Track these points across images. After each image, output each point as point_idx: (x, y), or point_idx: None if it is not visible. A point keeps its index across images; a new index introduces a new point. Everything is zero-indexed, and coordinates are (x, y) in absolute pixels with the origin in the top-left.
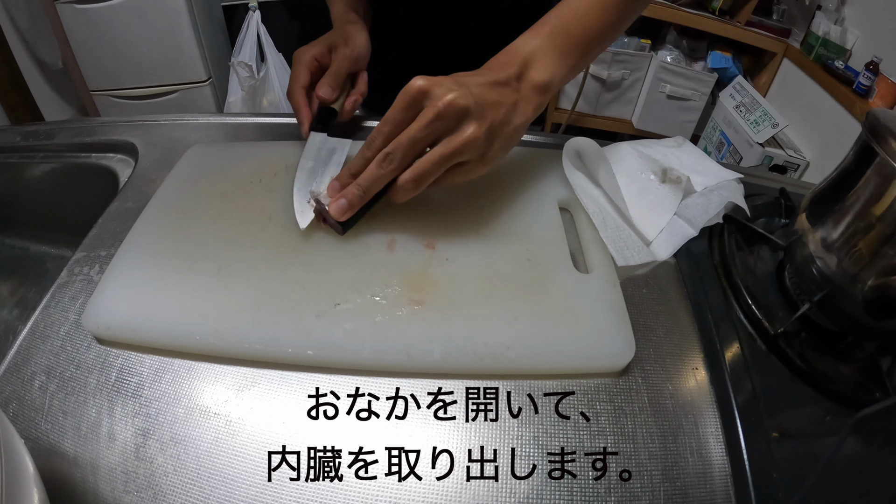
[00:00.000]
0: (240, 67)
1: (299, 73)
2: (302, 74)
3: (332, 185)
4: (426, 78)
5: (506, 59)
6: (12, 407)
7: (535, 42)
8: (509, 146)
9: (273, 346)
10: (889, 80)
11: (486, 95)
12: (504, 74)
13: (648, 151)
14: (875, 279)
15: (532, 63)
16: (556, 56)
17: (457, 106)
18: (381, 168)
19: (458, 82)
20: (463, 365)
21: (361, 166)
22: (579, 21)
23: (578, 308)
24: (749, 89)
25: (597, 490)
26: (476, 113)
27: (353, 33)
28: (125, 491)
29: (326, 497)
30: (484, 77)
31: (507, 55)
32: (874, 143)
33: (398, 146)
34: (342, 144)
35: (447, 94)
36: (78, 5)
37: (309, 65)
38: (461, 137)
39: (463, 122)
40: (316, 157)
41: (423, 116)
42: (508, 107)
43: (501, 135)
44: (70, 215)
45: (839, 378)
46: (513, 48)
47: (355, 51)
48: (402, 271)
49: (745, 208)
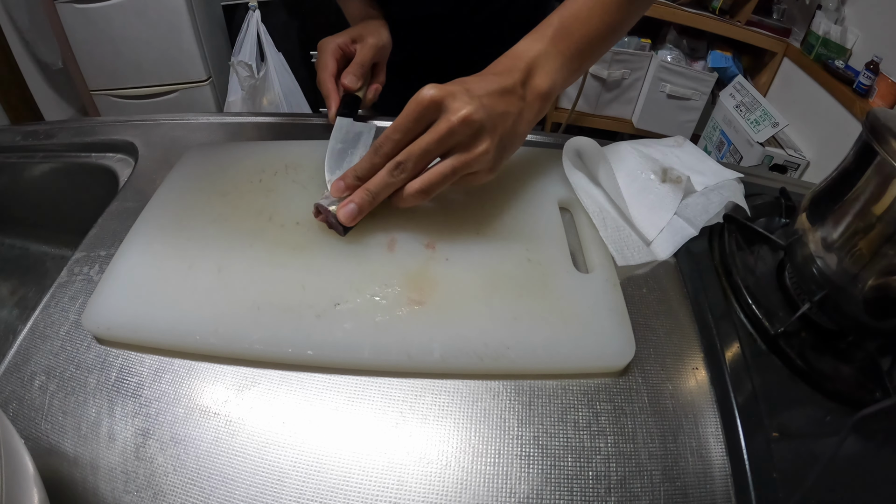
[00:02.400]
0: (240, 67)
1: (326, 61)
2: (330, 63)
3: (336, 184)
4: (438, 87)
5: (510, 65)
6: (12, 407)
7: (539, 46)
8: (512, 153)
9: (273, 346)
10: (889, 80)
11: (496, 106)
12: (510, 81)
13: (648, 151)
14: (875, 279)
15: (536, 69)
16: (560, 61)
17: (472, 121)
18: (392, 176)
19: (470, 93)
20: (463, 365)
21: (368, 171)
22: (582, 24)
23: (578, 308)
24: (749, 89)
25: (597, 490)
26: (489, 127)
27: (377, 26)
28: (125, 491)
29: (326, 497)
30: (491, 84)
31: (511, 59)
32: (874, 143)
33: (410, 156)
34: (368, 128)
35: (462, 109)
36: (78, 5)
37: (334, 53)
38: (474, 152)
39: (476, 137)
40: (344, 140)
41: (437, 129)
42: (515, 116)
43: (509, 145)
44: (70, 215)
45: (839, 378)
46: (516, 53)
47: (380, 41)
48: (402, 271)
49: (745, 208)
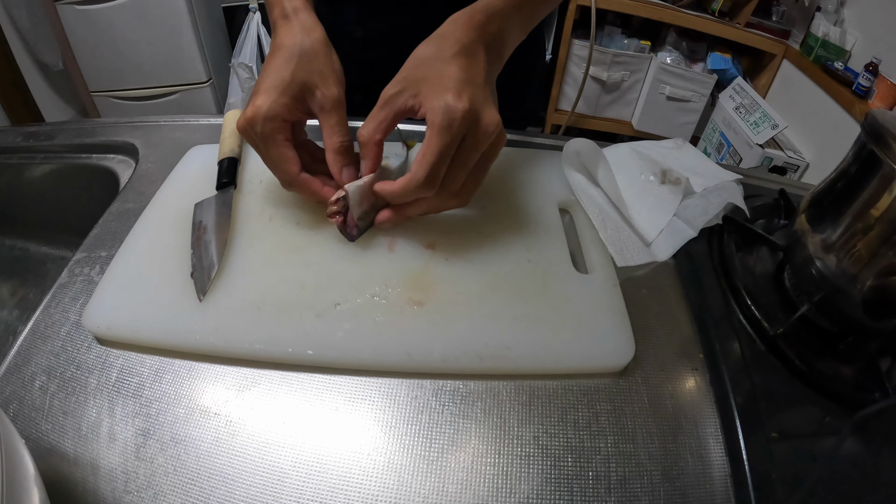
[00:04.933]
0: (240, 69)
1: (286, 155)
2: (290, 156)
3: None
4: (460, 96)
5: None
6: (13, 407)
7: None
8: None
9: (273, 346)
10: (888, 81)
11: (487, 83)
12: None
13: (648, 153)
14: (874, 280)
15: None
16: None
17: (498, 122)
18: (446, 201)
19: (478, 88)
20: (463, 365)
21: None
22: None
23: (578, 309)
24: (749, 91)
25: (597, 490)
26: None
27: (321, 56)
28: (125, 491)
29: (326, 497)
30: (473, 68)
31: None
32: (873, 145)
33: (458, 181)
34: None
35: (494, 118)
36: (79, 6)
37: (287, 136)
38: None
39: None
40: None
41: (476, 148)
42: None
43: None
44: (71, 216)
45: (838, 379)
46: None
47: (340, 79)
48: (403, 271)
49: (744, 209)
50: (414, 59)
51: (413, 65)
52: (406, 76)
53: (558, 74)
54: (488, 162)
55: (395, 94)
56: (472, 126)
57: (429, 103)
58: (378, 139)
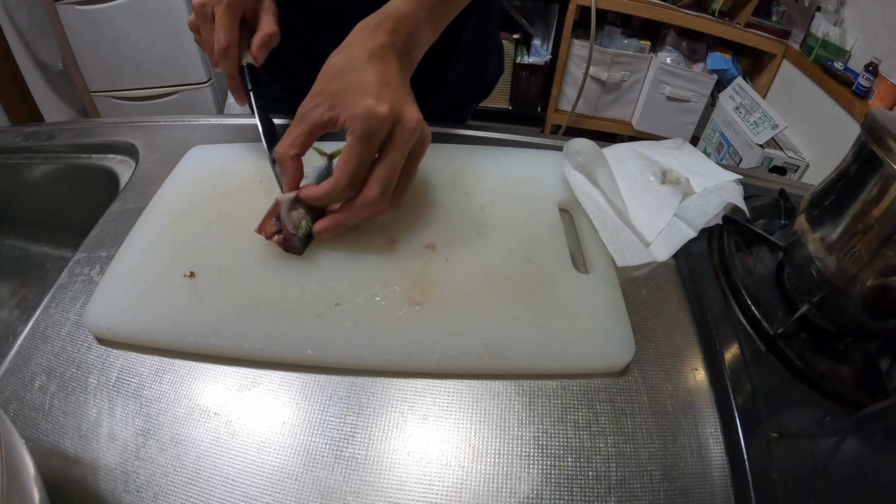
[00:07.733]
0: None
1: (232, 21)
2: (234, 24)
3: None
4: (382, 100)
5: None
6: (13, 407)
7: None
8: None
9: (273, 346)
10: (888, 82)
11: (404, 82)
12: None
13: (648, 153)
14: (874, 280)
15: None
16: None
17: (420, 119)
18: (375, 206)
19: (396, 89)
20: (463, 365)
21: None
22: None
23: (578, 308)
24: (749, 91)
25: (597, 490)
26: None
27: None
28: (125, 491)
29: (326, 497)
30: (400, 80)
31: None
32: (873, 145)
33: (389, 183)
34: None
35: (414, 115)
36: (79, 6)
37: (238, 9)
38: (424, 142)
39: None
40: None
41: (400, 148)
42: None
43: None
44: (71, 216)
45: (838, 378)
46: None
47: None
48: (402, 271)
49: (744, 209)
50: (326, 71)
51: (327, 77)
52: (320, 90)
53: (558, 74)
54: (415, 162)
55: (310, 109)
56: (394, 126)
57: (348, 112)
58: (293, 154)
